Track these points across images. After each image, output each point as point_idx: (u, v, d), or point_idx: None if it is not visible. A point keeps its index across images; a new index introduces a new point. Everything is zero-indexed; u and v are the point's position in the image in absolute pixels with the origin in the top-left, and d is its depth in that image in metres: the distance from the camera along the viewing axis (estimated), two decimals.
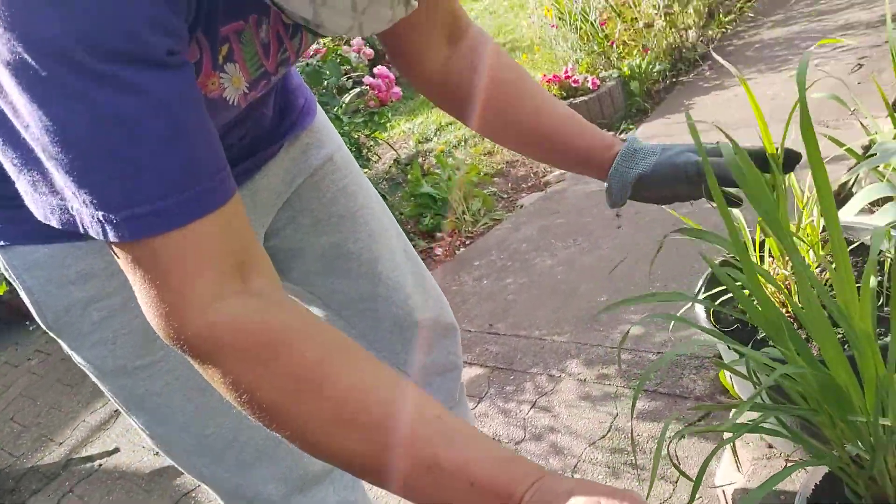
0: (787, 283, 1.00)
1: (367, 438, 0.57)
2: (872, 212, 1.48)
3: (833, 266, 0.68)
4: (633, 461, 1.53)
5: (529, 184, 3.41)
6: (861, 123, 1.71)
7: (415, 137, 4.54)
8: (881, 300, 0.94)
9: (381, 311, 1.07)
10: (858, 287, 0.70)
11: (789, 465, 0.78)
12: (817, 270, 0.95)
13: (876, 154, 1.44)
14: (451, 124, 4.46)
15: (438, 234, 3.09)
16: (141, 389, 0.84)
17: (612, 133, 0.87)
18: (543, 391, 1.87)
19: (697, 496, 1.36)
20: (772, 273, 1.01)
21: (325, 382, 0.58)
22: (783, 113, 0.84)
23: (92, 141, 0.53)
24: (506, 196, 3.37)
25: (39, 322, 0.82)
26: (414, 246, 2.97)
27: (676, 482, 1.42)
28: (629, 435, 1.61)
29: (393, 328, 1.08)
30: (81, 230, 0.58)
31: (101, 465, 2.23)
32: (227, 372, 0.58)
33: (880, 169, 1.52)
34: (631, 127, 3.61)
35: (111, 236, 0.56)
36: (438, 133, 4.47)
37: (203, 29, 0.63)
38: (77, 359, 0.84)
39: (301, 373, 0.58)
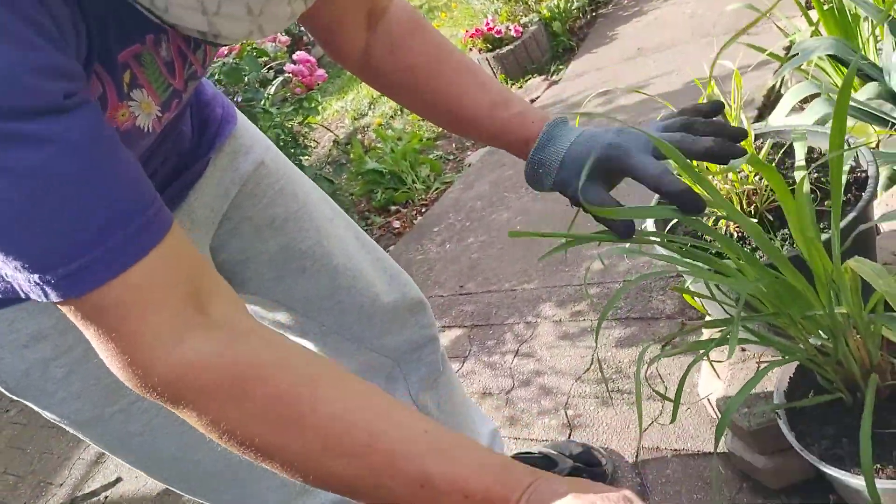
0: (729, 196, 1.05)
1: (356, 463, 0.56)
2: (803, 109, 1.53)
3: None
4: (614, 388, 1.59)
5: (473, 141, 3.43)
6: (778, 27, 1.75)
7: (350, 115, 4.51)
8: (819, 196, 0.99)
9: (346, 302, 1.06)
10: (794, 189, 0.74)
11: (762, 366, 0.83)
12: (756, 178, 1.00)
13: (797, 54, 1.49)
14: (383, 95, 4.42)
15: (393, 208, 3.10)
16: (122, 432, 0.82)
17: (535, 116, 0.83)
18: (523, 339, 1.92)
19: (686, 408, 1.42)
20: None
21: (303, 412, 0.56)
22: (705, 28, 0.87)
23: (7, 204, 0.50)
24: (452, 157, 3.38)
25: (1, 388, 0.79)
26: (371, 223, 3.01)
27: (663, 400, 1.48)
28: (612, 364, 1.66)
29: (361, 317, 1.07)
30: (22, 295, 0.56)
31: (107, 497, 2.23)
32: (202, 413, 0.57)
33: (804, 67, 1.57)
34: (561, 67, 3.63)
35: (53, 297, 0.53)
36: (372, 106, 4.45)
37: (99, 60, 0.60)
38: (48, 416, 0.81)
39: (278, 406, 0.56)
